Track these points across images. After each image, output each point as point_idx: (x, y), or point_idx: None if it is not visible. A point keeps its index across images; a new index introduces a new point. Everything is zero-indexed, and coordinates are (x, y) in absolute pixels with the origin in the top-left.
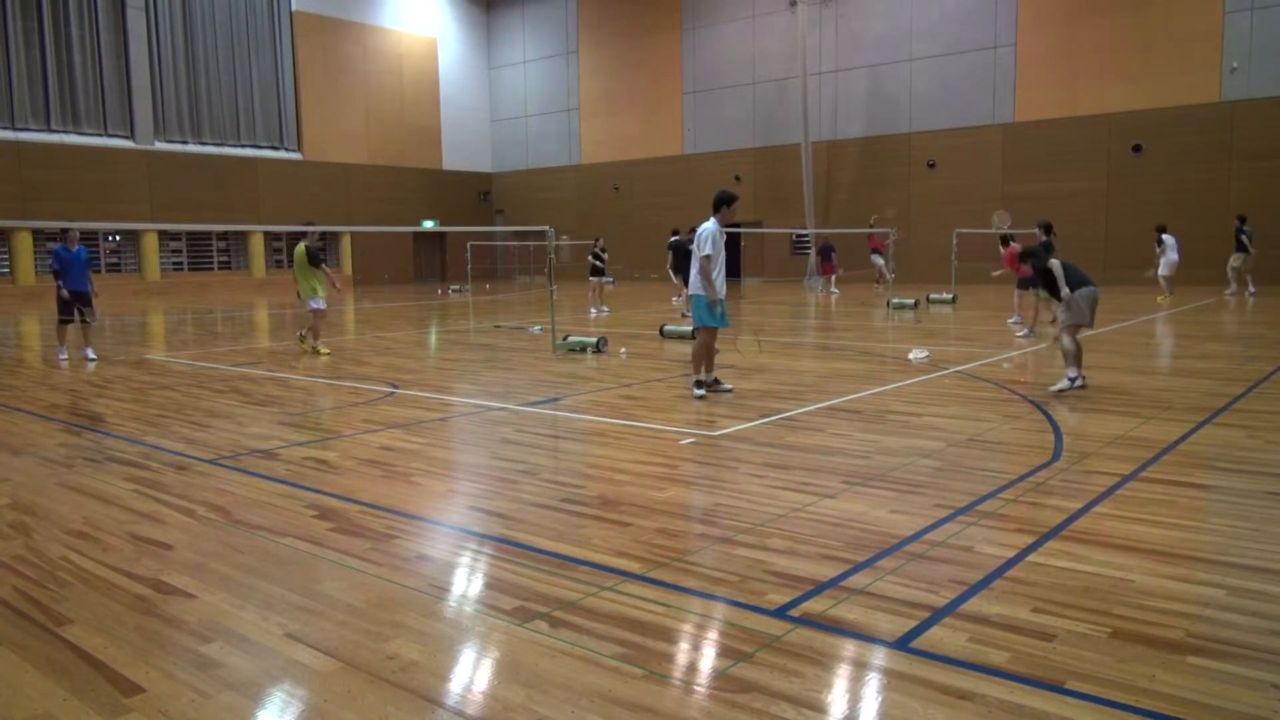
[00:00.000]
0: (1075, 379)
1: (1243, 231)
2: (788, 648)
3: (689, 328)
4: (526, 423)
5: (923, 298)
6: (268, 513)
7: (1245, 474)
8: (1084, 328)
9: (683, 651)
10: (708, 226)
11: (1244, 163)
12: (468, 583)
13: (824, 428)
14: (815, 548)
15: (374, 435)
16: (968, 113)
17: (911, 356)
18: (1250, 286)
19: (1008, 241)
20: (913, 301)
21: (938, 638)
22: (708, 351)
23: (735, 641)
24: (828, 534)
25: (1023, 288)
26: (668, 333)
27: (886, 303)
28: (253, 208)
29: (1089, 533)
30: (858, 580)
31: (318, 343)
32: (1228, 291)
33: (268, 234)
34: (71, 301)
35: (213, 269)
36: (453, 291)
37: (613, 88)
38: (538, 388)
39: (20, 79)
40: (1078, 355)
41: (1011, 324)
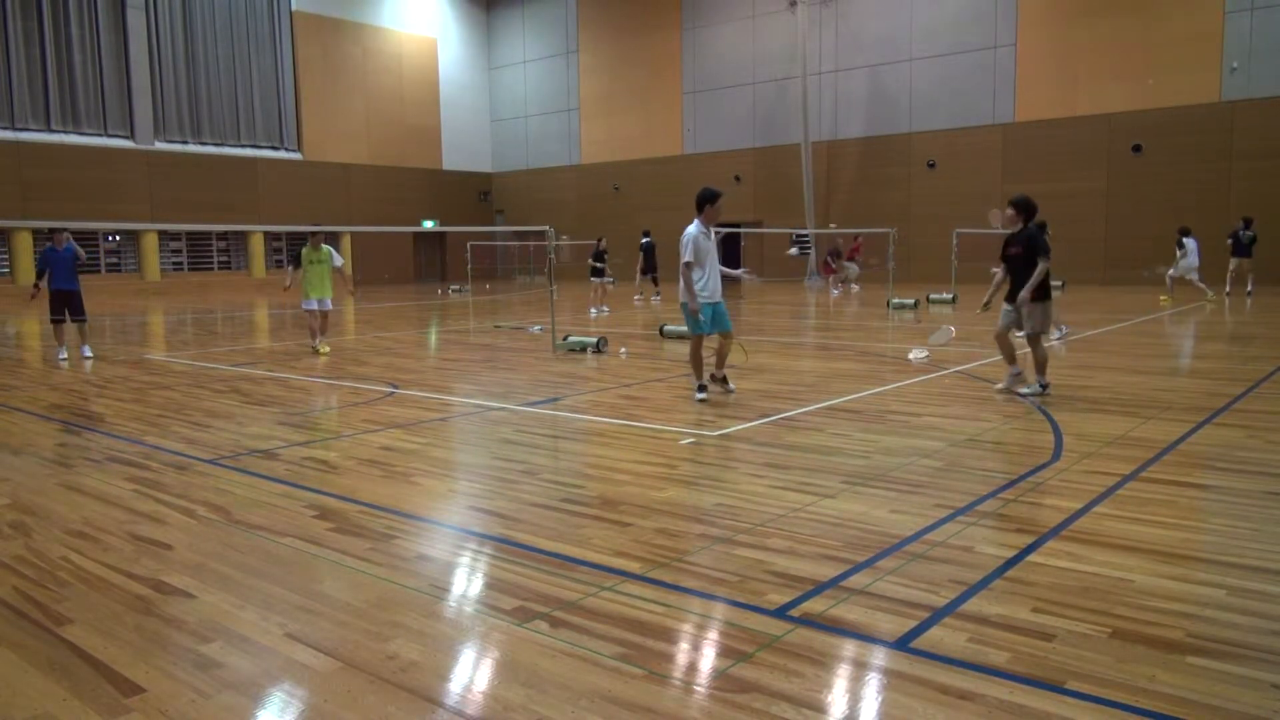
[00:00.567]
0: (1046, 384)
1: (1239, 234)
2: (788, 648)
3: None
4: (526, 423)
5: (923, 298)
6: (268, 513)
7: (1245, 474)
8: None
9: (683, 651)
10: (689, 230)
11: (1244, 163)
12: (468, 583)
13: (824, 428)
14: (815, 548)
15: (374, 435)
16: (968, 113)
17: (912, 356)
18: (1248, 286)
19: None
20: (913, 301)
21: (938, 638)
22: (694, 357)
23: (735, 641)
24: (828, 534)
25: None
26: (668, 333)
27: (887, 303)
28: (253, 208)
29: (1089, 533)
30: (858, 580)
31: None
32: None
33: (268, 234)
34: (59, 301)
35: (213, 269)
36: (453, 291)
37: (613, 87)
38: (538, 388)
39: (20, 79)
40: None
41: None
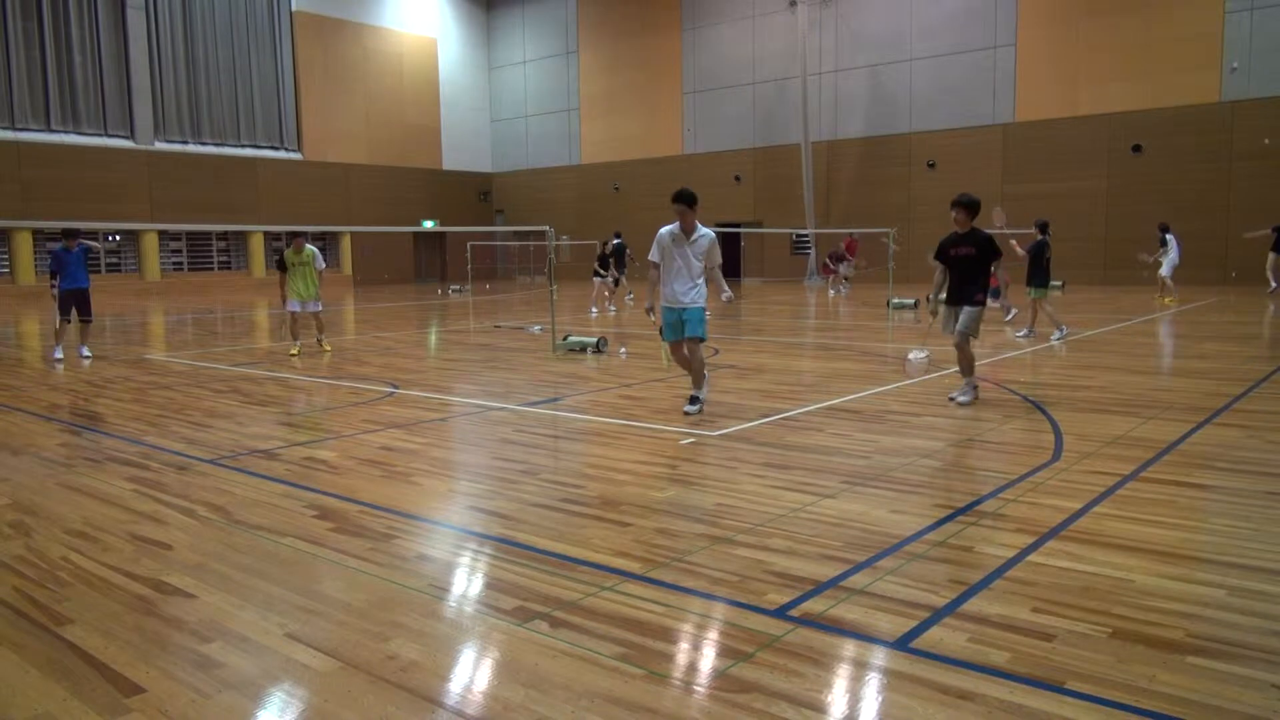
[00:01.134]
0: (975, 386)
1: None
2: (788, 648)
3: None
4: (526, 423)
5: (923, 297)
6: (268, 513)
7: (1245, 474)
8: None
9: (683, 651)
10: (660, 231)
11: (1244, 163)
12: (468, 583)
13: (824, 428)
14: (815, 548)
15: (374, 435)
16: (968, 113)
17: (912, 357)
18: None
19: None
20: (913, 301)
21: (938, 638)
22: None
23: (735, 641)
24: (828, 534)
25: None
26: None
27: (887, 302)
28: (253, 208)
29: (1089, 533)
30: (858, 580)
31: (300, 341)
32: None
33: (268, 234)
34: (68, 300)
35: (213, 269)
36: (453, 291)
37: (613, 88)
38: (538, 388)
39: (20, 79)
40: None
41: (1006, 319)
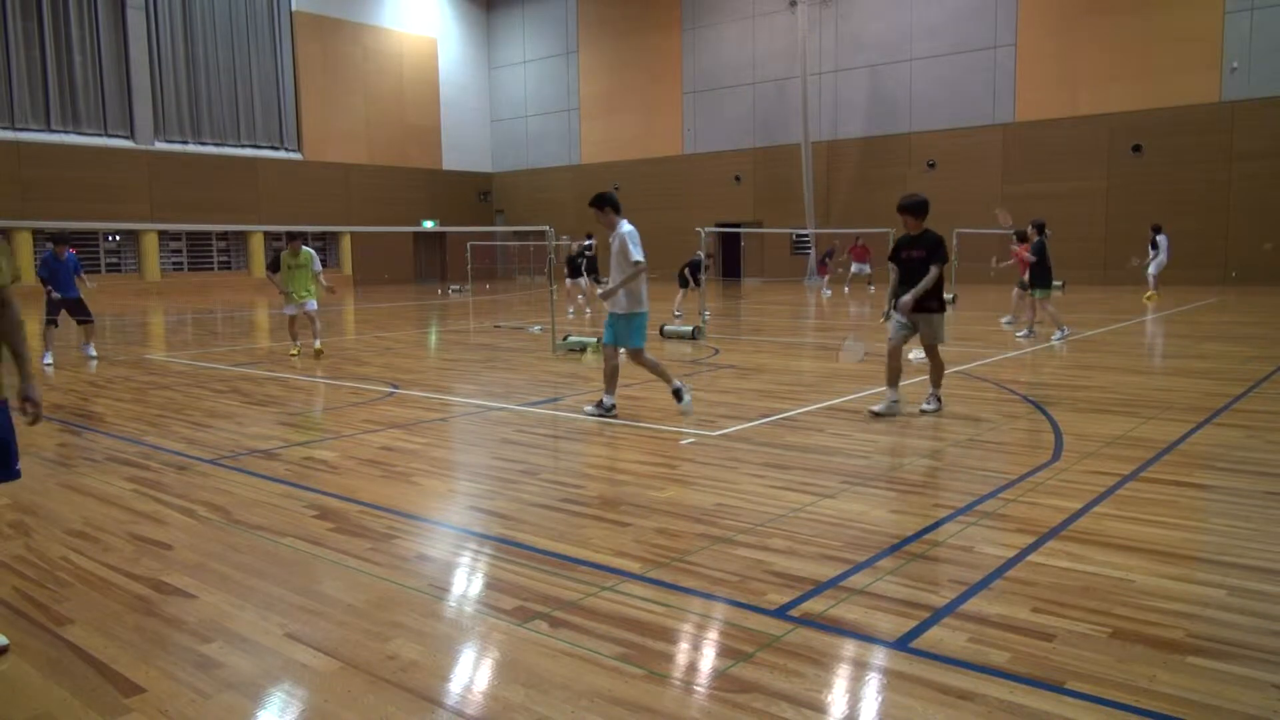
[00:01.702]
0: (939, 396)
1: None
2: (788, 648)
3: (689, 328)
4: (526, 423)
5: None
6: (268, 513)
7: (1245, 474)
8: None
9: (683, 651)
10: (630, 227)
11: (1244, 163)
12: (468, 583)
13: (824, 428)
14: (815, 548)
15: (374, 435)
16: (968, 113)
17: (912, 356)
18: None
19: (1022, 238)
20: None
21: (938, 638)
22: (653, 367)
23: (735, 641)
24: (828, 534)
25: (1024, 289)
26: (668, 333)
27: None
28: (253, 208)
29: (1089, 533)
30: (858, 580)
31: (299, 341)
32: None
33: (268, 234)
34: (61, 305)
35: (213, 269)
36: (453, 291)
37: (613, 88)
38: (538, 388)
39: (20, 79)
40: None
41: (1005, 323)
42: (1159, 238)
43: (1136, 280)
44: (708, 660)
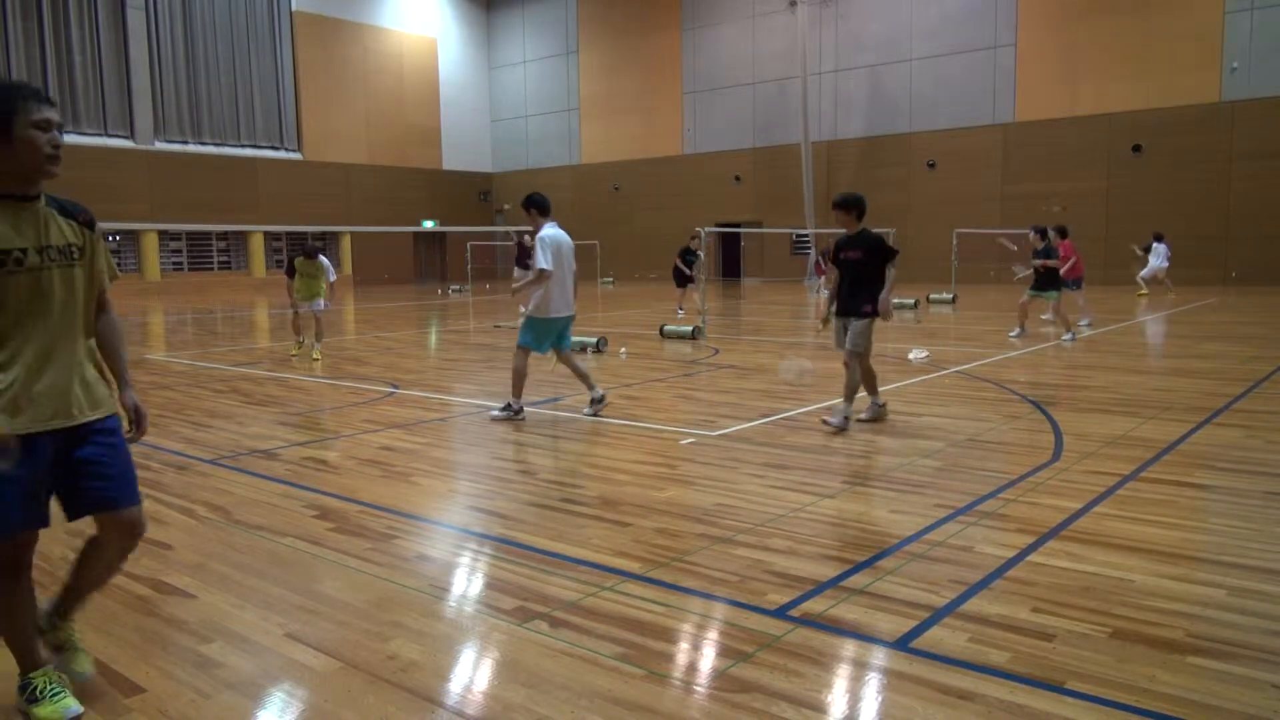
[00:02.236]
0: (883, 403)
1: None
2: (788, 648)
3: (689, 328)
4: (526, 423)
5: (923, 298)
6: (268, 513)
7: (1245, 474)
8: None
9: (683, 651)
10: (557, 231)
11: (1244, 163)
12: (468, 583)
13: (824, 428)
14: (815, 548)
15: (374, 435)
16: (968, 113)
17: (911, 356)
18: None
19: (1064, 234)
20: (913, 301)
21: (938, 638)
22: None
23: (735, 641)
24: (828, 534)
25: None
26: (668, 333)
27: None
28: (253, 208)
29: (1089, 533)
30: (858, 580)
31: (302, 339)
32: None
33: (268, 234)
34: None
35: (213, 269)
36: (453, 291)
37: (613, 88)
38: (538, 388)
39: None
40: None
41: (1066, 340)
42: (1158, 245)
43: (1134, 281)
44: (708, 660)
